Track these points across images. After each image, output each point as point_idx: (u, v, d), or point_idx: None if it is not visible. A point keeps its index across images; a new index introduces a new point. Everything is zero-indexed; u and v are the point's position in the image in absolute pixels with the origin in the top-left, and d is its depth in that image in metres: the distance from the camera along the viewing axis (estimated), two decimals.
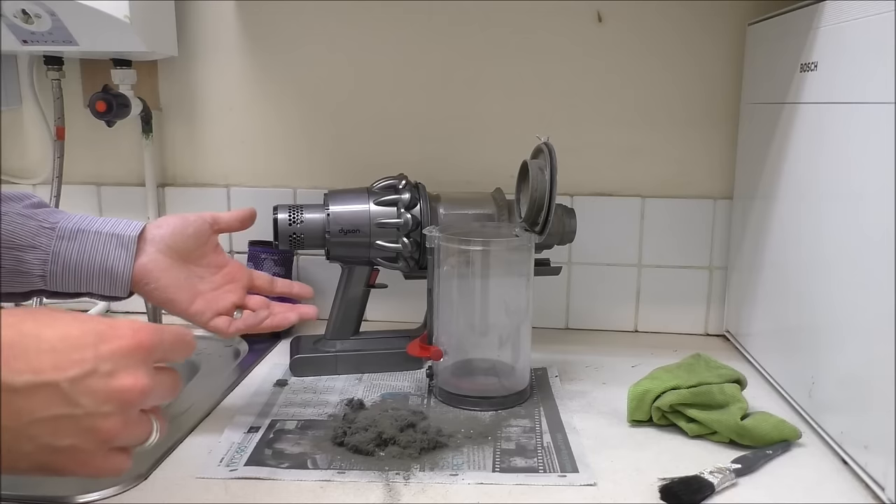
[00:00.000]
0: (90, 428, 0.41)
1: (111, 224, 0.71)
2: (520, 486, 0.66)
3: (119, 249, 0.70)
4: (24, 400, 0.40)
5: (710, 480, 0.64)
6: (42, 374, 0.40)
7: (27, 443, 0.40)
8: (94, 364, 0.41)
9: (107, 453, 0.43)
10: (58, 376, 0.40)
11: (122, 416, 0.42)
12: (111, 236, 0.70)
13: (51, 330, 0.42)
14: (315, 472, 0.68)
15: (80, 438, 0.41)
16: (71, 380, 0.41)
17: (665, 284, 1.09)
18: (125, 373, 0.42)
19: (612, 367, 0.95)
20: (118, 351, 0.42)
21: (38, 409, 0.40)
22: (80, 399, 0.41)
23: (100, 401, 0.41)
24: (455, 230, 0.85)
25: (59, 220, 0.70)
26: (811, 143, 0.78)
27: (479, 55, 1.07)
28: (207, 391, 0.86)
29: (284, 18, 1.08)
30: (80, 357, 0.41)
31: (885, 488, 0.62)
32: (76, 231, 0.69)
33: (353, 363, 0.93)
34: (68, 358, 0.41)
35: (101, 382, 0.41)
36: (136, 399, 0.42)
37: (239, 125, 1.12)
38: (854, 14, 0.69)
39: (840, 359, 0.71)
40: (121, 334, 0.43)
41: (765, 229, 0.91)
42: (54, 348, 0.41)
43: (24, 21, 0.92)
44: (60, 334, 0.42)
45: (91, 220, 0.71)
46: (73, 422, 0.41)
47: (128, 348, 0.43)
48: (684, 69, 1.04)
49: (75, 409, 0.41)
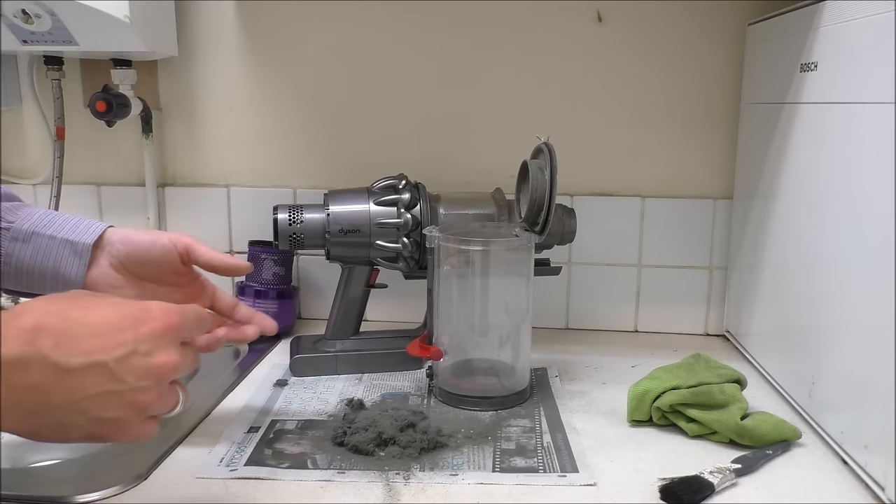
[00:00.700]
0: (132, 401, 0.48)
1: (69, 228, 0.70)
2: (520, 486, 0.66)
3: (72, 257, 0.69)
4: (78, 379, 0.46)
5: (710, 480, 0.64)
6: (92, 355, 0.46)
7: (79, 416, 0.46)
8: (135, 345, 0.48)
9: (143, 421, 0.50)
10: (105, 357, 0.46)
11: (157, 389, 0.49)
12: (65, 243, 0.69)
13: (95, 315, 0.48)
14: (315, 472, 0.68)
15: (123, 410, 0.48)
16: (116, 359, 0.47)
17: (665, 284, 1.09)
18: (160, 351, 0.49)
19: (612, 367, 0.95)
20: (153, 332, 0.49)
21: (90, 385, 0.46)
22: (124, 376, 0.47)
23: (140, 376, 0.48)
24: (455, 230, 0.85)
25: (17, 219, 0.69)
26: (811, 143, 0.78)
27: (478, 55, 1.07)
28: (207, 391, 0.86)
29: (284, 18, 1.08)
30: (122, 339, 0.47)
31: (885, 488, 0.62)
32: (30, 234, 0.69)
33: (353, 363, 0.93)
34: (112, 340, 0.47)
35: (140, 361, 0.48)
36: (170, 374, 0.49)
37: (239, 125, 1.12)
38: (854, 14, 0.69)
39: (840, 359, 0.71)
40: (154, 317, 0.49)
41: (765, 229, 0.91)
42: (99, 332, 0.47)
43: (24, 21, 0.92)
44: (102, 319, 0.48)
45: (49, 221, 0.69)
46: (118, 396, 0.47)
47: (161, 329, 0.49)
48: (684, 69, 1.04)
49: (120, 385, 0.47)
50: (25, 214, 0.70)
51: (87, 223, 0.71)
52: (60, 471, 0.76)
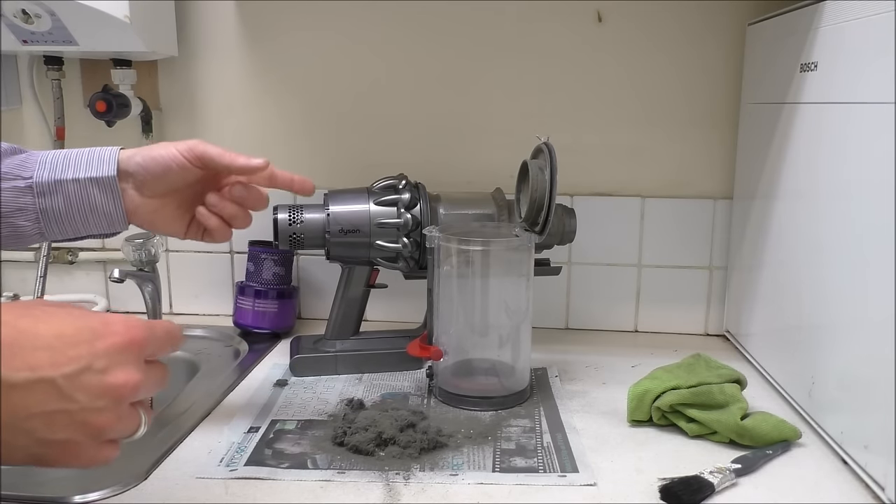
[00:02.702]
0: (84, 422, 0.43)
1: (85, 163, 0.67)
2: (520, 486, 0.66)
3: (103, 194, 0.68)
4: (22, 396, 0.41)
5: (710, 480, 0.64)
6: (39, 370, 0.41)
7: (23, 436, 0.42)
8: (89, 360, 0.43)
9: (98, 445, 0.44)
10: (54, 373, 0.42)
11: (115, 411, 0.44)
12: (90, 182, 0.67)
13: (46, 326, 0.43)
14: (315, 472, 0.68)
15: (74, 432, 0.43)
16: (66, 376, 0.42)
17: (665, 284, 1.09)
18: (118, 369, 0.44)
19: (612, 367, 0.95)
20: (112, 348, 0.44)
21: (35, 404, 0.41)
22: (75, 394, 0.42)
23: (94, 396, 0.43)
24: (455, 230, 0.85)
25: (32, 172, 0.67)
26: (811, 143, 0.78)
27: (479, 55, 1.07)
28: (207, 391, 0.86)
29: (284, 18, 1.08)
30: (76, 354, 0.43)
31: (885, 488, 0.62)
32: (53, 182, 0.67)
33: (353, 363, 0.93)
34: (64, 355, 0.42)
35: (95, 378, 0.43)
36: (129, 394, 0.44)
37: (239, 125, 1.12)
38: (854, 14, 0.69)
39: (840, 359, 0.71)
40: (114, 331, 0.44)
41: (765, 229, 0.91)
42: (50, 345, 0.42)
43: (24, 21, 0.92)
44: (56, 331, 0.43)
45: (64, 163, 0.67)
46: (68, 416, 0.42)
47: (121, 345, 0.44)
48: (684, 69, 1.04)
49: (70, 404, 0.42)
50: (35, 161, 0.67)
51: (100, 153, 0.68)
52: (60, 471, 0.75)
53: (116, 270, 1.00)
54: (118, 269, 1.00)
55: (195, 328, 1.08)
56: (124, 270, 1.01)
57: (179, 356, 1.01)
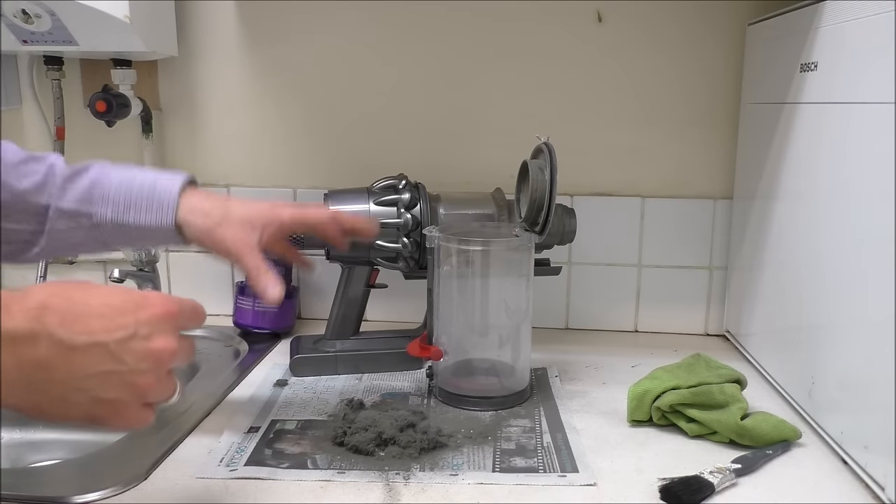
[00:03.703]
0: (132, 383, 0.48)
1: (145, 206, 0.70)
2: (520, 486, 0.66)
3: (161, 233, 0.71)
4: (81, 356, 0.46)
5: (710, 480, 0.64)
6: (95, 335, 0.47)
7: (80, 394, 0.47)
8: (135, 328, 0.48)
9: (140, 407, 0.50)
10: (107, 337, 0.47)
11: (156, 373, 0.49)
12: (152, 229, 0.70)
13: (96, 298, 0.48)
14: (315, 472, 0.68)
15: (122, 391, 0.48)
16: (117, 341, 0.47)
17: (665, 284, 1.09)
18: (159, 336, 0.49)
19: (612, 367, 0.95)
20: (153, 317, 0.49)
21: (92, 364, 0.47)
22: (124, 357, 0.48)
23: (139, 359, 0.48)
24: (455, 230, 0.85)
25: (97, 211, 0.70)
26: (811, 143, 0.78)
27: (479, 55, 1.07)
28: (207, 391, 0.86)
29: (284, 18, 1.08)
30: (124, 321, 0.48)
31: (885, 488, 0.62)
32: (116, 226, 0.70)
33: (353, 363, 0.93)
34: (114, 322, 0.48)
35: (140, 344, 0.48)
36: (168, 359, 0.50)
37: (239, 125, 1.12)
38: (854, 14, 0.69)
39: (840, 359, 0.71)
40: (153, 303, 0.50)
41: (765, 229, 0.91)
42: (102, 314, 0.48)
43: (24, 21, 0.92)
44: (105, 302, 0.48)
45: (125, 199, 0.70)
46: (118, 377, 0.48)
47: (161, 315, 0.50)
48: (684, 69, 1.04)
49: (121, 365, 0.48)
50: (99, 198, 0.70)
51: (160, 195, 0.70)
52: (60, 471, 0.76)
53: (116, 270, 1.00)
54: (118, 269, 1.00)
55: (195, 328, 1.08)
56: (124, 270, 1.01)
57: None
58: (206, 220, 0.70)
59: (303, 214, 0.75)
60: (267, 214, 0.72)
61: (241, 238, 0.70)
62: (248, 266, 0.70)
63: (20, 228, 0.70)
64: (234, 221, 0.71)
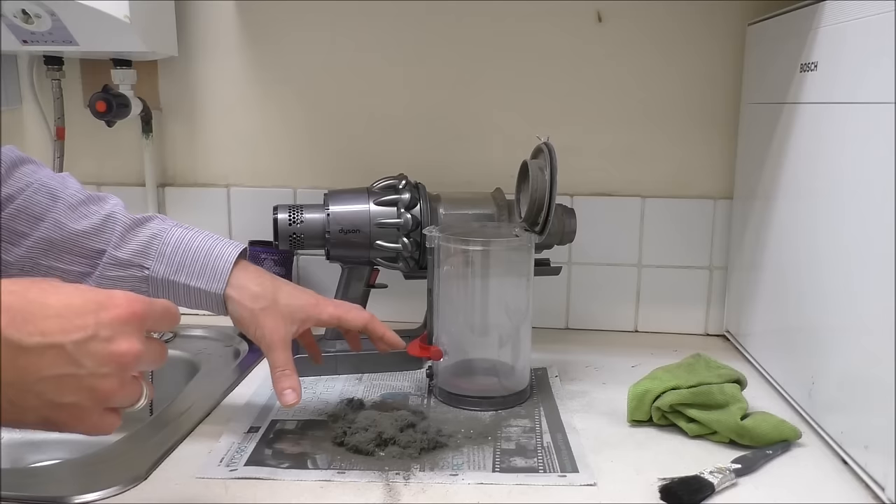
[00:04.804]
0: (90, 387, 0.46)
1: (199, 270, 0.72)
2: (520, 486, 0.66)
3: (210, 303, 0.73)
4: (34, 359, 0.44)
5: (710, 480, 0.64)
6: (50, 336, 0.44)
7: (34, 398, 0.45)
8: (95, 329, 0.46)
9: (102, 412, 0.48)
10: (64, 339, 0.45)
11: (119, 378, 0.47)
12: (199, 292, 0.72)
13: (55, 297, 0.46)
14: (315, 472, 0.68)
15: (80, 396, 0.46)
16: (75, 342, 0.45)
17: (665, 284, 1.09)
18: (122, 338, 0.47)
19: (612, 367, 0.95)
20: (116, 319, 0.47)
21: (46, 367, 0.44)
22: (83, 360, 0.45)
23: (100, 362, 0.46)
24: (455, 230, 0.85)
25: (152, 264, 0.72)
26: (811, 143, 0.78)
27: (479, 55, 1.07)
28: (207, 391, 0.86)
29: (284, 18, 1.08)
30: (83, 323, 0.46)
31: (885, 488, 0.62)
32: (167, 282, 0.72)
33: (353, 363, 0.93)
34: (72, 323, 0.45)
35: (101, 346, 0.46)
36: (131, 363, 0.47)
37: (239, 125, 1.12)
38: (854, 14, 0.69)
39: (840, 359, 0.71)
40: (117, 303, 0.47)
41: (765, 229, 0.91)
42: (59, 314, 0.45)
43: (24, 21, 0.93)
44: (64, 302, 0.46)
45: (180, 259, 0.72)
46: (75, 380, 0.45)
47: (124, 316, 0.47)
48: (684, 69, 1.04)
49: (79, 369, 0.45)
50: (156, 252, 0.72)
51: (215, 261, 0.72)
52: (60, 471, 0.76)
53: None
54: None
55: (195, 328, 1.08)
56: None
57: (179, 356, 1.01)
58: (253, 304, 0.72)
59: (341, 316, 0.77)
60: (308, 311, 0.74)
61: (278, 331, 0.72)
62: (275, 361, 0.72)
63: (68, 269, 0.71)
64: (277, 310, 0.72)
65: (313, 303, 0.75)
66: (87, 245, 0.71)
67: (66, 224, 0.70)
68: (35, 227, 0.70)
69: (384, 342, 0.79)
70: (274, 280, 0.75)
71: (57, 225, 0.70)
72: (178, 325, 0.55)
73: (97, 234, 0.71)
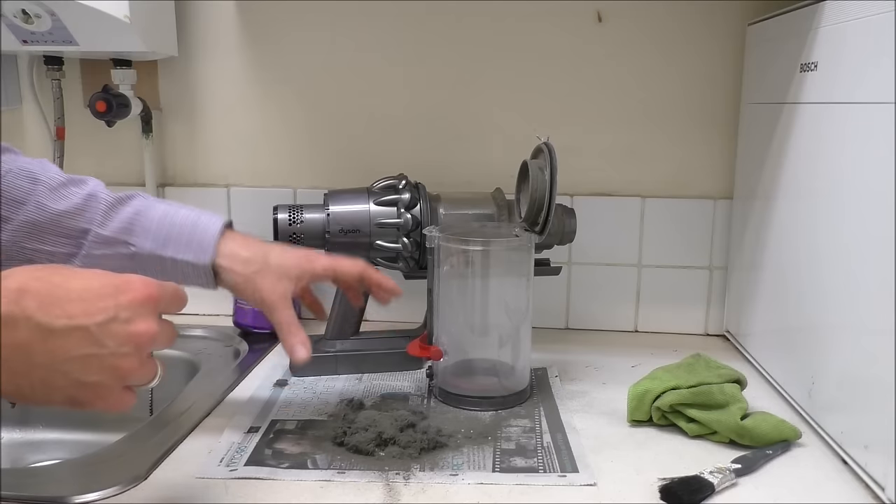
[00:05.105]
0: (112, 366, 0.48)
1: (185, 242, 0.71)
2: (520, 486, 0.66)
3: (199, 277, 0.72)
4: (61, 340, 0.47)
5: (710, 480, 0.64)
6: (75, 318, 0.47)
7: (61, 378, 0.47)
8: (116, 311, 0.48)
9: (122, 390, 0.50)
10: (88, 321, 0.47)
11: (138, 357, 0.49)
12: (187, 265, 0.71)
13: (76, 282, 0.48)
14: (315, 472, 0.68)
15: (104, 375, 0.48)
16: (98, 324, 0.48)
17: (665, 284, 1.09)
18: (140, 319, 0.49)
19: (612, 367, 0.95)
20: (134, 301, 0.49)
21: (73, 348, 0.47)
22: (105, 340, 0.48)
23: (120, 342, 0.48)
24: (455, 230, 0.85)
25: (137, 241, 0.71)
26: (811, 143, 0.78)
27: (479, 55, 1.07)
28: (207, 391, 0.86)
29: (285, 18, 1.08)
30: (104, 305, 0.48)
31: (885, 488, 0.62)
32: (154, 257, 0.71)
33: (353, 363, 0.93)
34: (94, 306, 0.48)
35: (121, 327, 0.48)
36: (149, 342, 0.50)
37: (239, 125, 1.12)
38: (854, 14, 0.69)
39: (840, 359, 0.71)
40: (134, 287, 0.50)
41: (765, 229, 0.91)
42: (82, 297, 0.48)
43: (24, 21, 0.93)
44: (84, 286, 0.48)
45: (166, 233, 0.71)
46: (99, 360, 0.48)
47: (141, 299, 0.50)
48: (684, 69, 1.04)
49: (101, 349, 0.48)
50: (141, 229, 0.71)
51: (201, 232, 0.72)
52: (60, 471, 0.76)
53: None
54: None
55: (195, 328, 1.08)
56: None
57: (179, 356, 1.01)
58: (245, 269, 0.72)
59: (335, 267, 0.76)
60: (302, 265, 0.74)
61: (276, 290, 0.72)
62: (279, 320, 0.71)
63: (52, 251, 0.70)
64: (270, 271, 0.72)
65: (306, 258, 0.75)
66: (70, 225, 0.70)
67: (48, 205, 0.70)
68: (17, 211, 0.69)
69: (382, 289, 0.79)
70: (262, 243, 0.74)
71: (39, 207, 0.69)
72: (177, 326, 0.55)
73: (80, 213, 0.71)
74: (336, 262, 0.77)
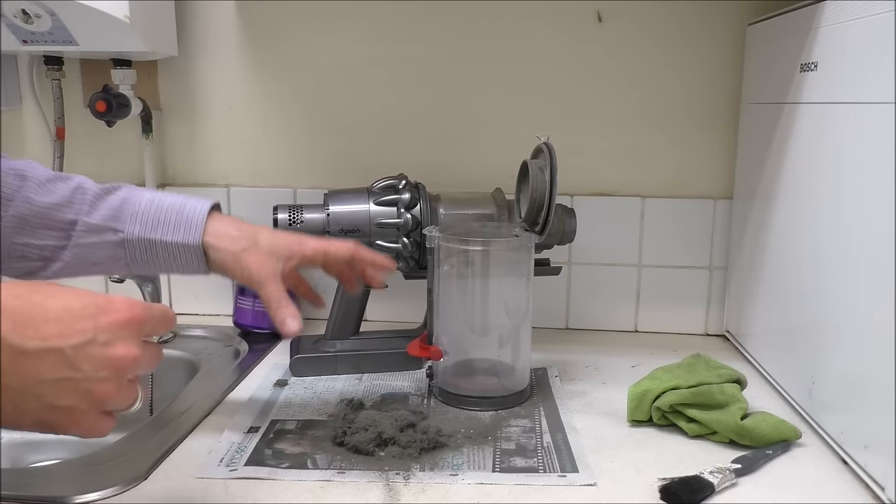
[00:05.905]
0: (88, 390, 0.46)
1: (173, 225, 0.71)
2: (520, 486, 0.66)
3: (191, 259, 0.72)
4: (33, 362, 0.44)
5: (710, 480, 0.64)
6: (49, 340, 0.45)
7: (33, 401, 0.45)
8: (94, 334, 0.46)
9: (98, 415, 0.48)
10: (63, 343, 0.45)
11: (115, 382, 0.47)
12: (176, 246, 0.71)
13: (55, 301, 0.46)
14: (315, 472, 0.68)
15: (78, 399, 0.46)
16: (74, 346, 0.45)
17: (665, 284, 1.09)
18: (120, 343, 0.47)
19: (612, 367, 0.95)
20: (114, 323, 0.47)
21: (45, 371, 0.45)
22: (81, 364, 0.45)
23: (97, 366, 0.46)
24: (455, 230, 0.85)
25: (125, 227, 0.71)
26: (811, 143, 0.78)
27: (479, 55, 1.07)
28: (207, 391, 0.86)
29: (284, 18, 1.08)
30: (82, 327, 0.46)
31: (885, 488, 0.62)
32: (144, 241, 0.71)
33: (353, 363, 0.93)
34: (71, 327, 0.45)
35: (99, 350, 0.46)
36: (128, 367, 0.47)
37: (239, 125, 1.12)
38: (854, 14, 0.69)
39: (840, 359, 0.71)
40: (117, 308, 0.48)
41: (765, 229, 0.91)
42: (59, 318, 0.45)
43: (24, 21, 0.92)
44: (63, 305, 0.46)
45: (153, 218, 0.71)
46: (73, 384, 0.46)
47: (123, 321, 0.47)
48: (684, 69, 1.04)
49: (77, 372, 0.45)
50: (129, 215, 0.71)
51: (189, 213, 0.71)
52: (60, 471, 0.76)
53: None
54: None
55: (195, 328, 1.08)
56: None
57: (179, 356, 1.01)
58: (234, 245, 0.71)
59: (326, 248, 0.76)
60: (292, 246, 0.73)
61: (265, 266, 0.71)
62: (269, 295, 0.71)
63: (41, 244, 0.70)
64: (259, 249, 0.72)
65: (296, 240, 0.74)
66: (58, 217, 0.70)
67: (36, 199, 0.69)
68: (6, 207, 0.69)
69: (376, 266, 0.78)
70: (252, 225, 0.74)
71: (27, 201, 0.69)
72: (177, 326, 0.55)
73: (68, 204, 0.70)
74: (326, 243, 0.76)
